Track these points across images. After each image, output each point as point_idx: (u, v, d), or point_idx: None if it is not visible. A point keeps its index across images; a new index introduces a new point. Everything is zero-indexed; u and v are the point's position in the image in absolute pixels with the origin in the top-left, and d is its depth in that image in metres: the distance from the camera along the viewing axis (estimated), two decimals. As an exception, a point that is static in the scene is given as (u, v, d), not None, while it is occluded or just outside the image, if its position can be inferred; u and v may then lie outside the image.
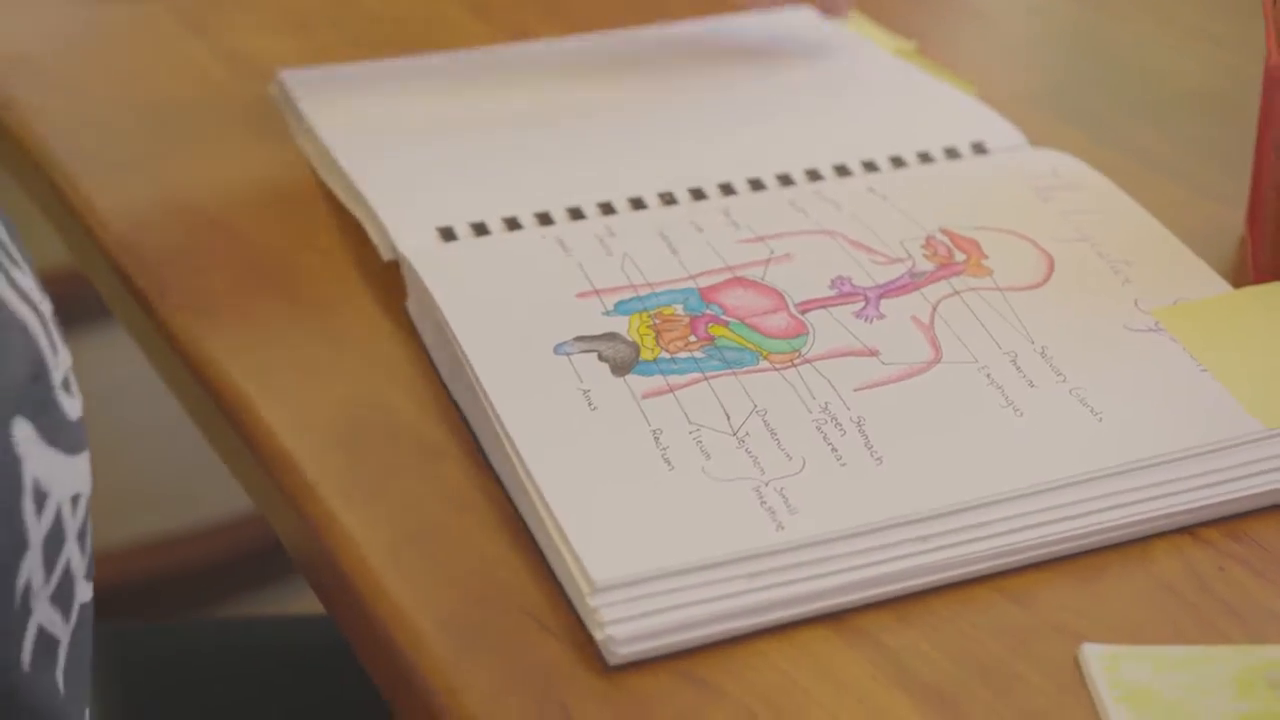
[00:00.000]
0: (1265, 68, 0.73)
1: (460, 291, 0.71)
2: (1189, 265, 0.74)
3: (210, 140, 0.88)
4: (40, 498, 0.53)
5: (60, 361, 0.55)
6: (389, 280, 0.75)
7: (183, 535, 1.67)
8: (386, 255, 0.76)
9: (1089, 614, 0.59)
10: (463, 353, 0.68)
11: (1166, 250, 0.75)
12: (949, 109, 0.88)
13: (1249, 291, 0.72)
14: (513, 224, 0.77)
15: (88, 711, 0.59)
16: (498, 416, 0.64)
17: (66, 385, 0.56)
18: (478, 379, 0.66)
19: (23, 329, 0.53)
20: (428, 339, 0.72)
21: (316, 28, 0.99)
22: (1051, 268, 0.74)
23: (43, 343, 0.54)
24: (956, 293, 0.72)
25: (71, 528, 0.55)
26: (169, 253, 0.78)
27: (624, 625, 0.57)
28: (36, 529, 0.53)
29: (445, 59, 0.93)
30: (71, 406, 0.56)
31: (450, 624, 0.59)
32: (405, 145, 0.84)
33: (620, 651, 0.56)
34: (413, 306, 0.74)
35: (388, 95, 0.89)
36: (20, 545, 0.52)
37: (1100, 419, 0.65)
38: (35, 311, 0.55)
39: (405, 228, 0.76)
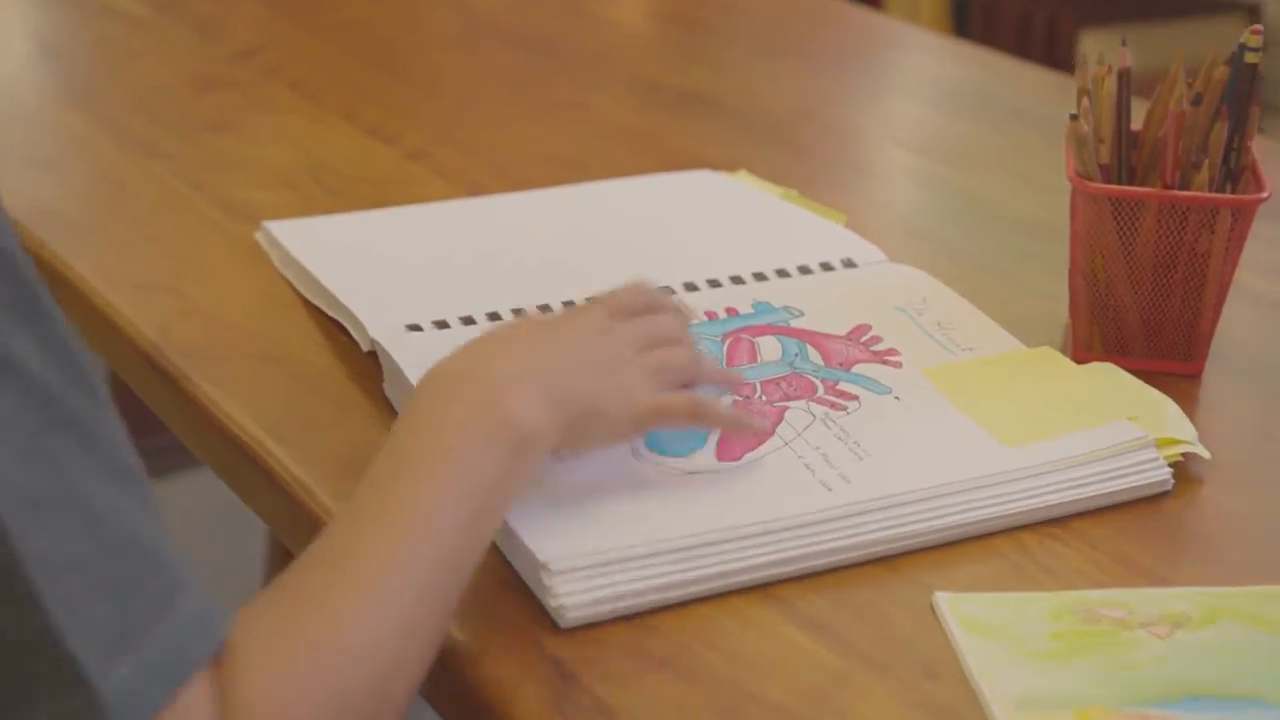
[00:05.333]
0: (1069, 178, 0.92)
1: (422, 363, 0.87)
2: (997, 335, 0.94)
3: (214, 268, 1.05)
4: None
5: None
6: (362, 368, 0.92)
7: None
8: (366, 347, 0.92)
9: (941, 577, 0.75)
10: None
11: (984, 328, 0.94)
12: (826, 234, 1.07)
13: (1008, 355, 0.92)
14: (468, 320, 0.94)
15: None
16: None
17: None
18: None
19: None
20: (399, 406, 0.88)
21: (301, 185, 1.17)
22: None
23: None
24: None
25: None
26: (192, 347, 0.94)
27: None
28: None
29: (412, 210, 1.11)
30: None
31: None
32: (375, 270, 1.01)
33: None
34: (388, 386, 0.90)
35: (360, 238, 1.07)
36: None
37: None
38: None
39: (378, 326, 0.92)
